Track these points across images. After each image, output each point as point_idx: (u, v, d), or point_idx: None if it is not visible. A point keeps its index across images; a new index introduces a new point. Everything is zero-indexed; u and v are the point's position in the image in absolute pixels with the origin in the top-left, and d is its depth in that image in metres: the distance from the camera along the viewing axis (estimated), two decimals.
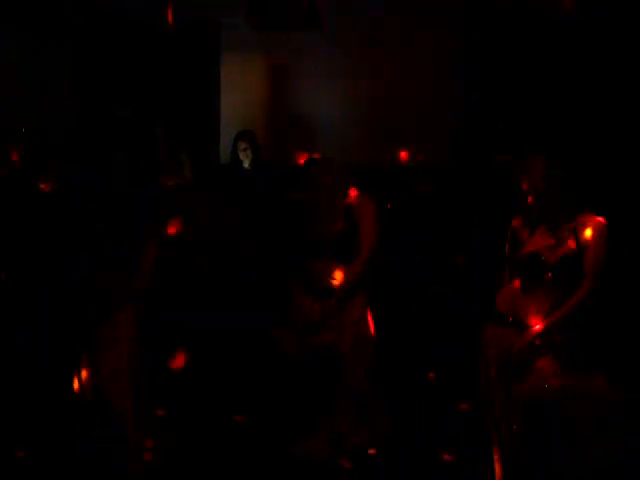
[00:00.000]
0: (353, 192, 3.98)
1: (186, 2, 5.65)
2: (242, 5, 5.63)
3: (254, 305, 4.72)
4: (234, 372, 4.46)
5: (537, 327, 3.01)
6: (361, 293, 3.93)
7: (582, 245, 3.01)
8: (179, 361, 4.00)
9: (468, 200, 5.26)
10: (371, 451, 3.87)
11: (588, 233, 3.01)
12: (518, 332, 3.04)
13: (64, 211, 3.67)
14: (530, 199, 3.11)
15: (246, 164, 5.48)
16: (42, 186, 3.86)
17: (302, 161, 4.19)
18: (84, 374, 3.49)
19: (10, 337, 3.64)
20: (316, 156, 4.11)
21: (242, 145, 5.46)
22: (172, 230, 3.84)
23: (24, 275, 3.70)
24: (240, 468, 3.82)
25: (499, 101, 5.48)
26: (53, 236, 3.60)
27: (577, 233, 3.02)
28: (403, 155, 5.58)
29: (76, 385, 3.49)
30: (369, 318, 3.96)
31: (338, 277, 3.87)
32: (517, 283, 3.14)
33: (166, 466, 3.69)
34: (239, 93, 6.20)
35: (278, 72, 6.15)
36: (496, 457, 3.12)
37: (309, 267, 3.93)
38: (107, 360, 3.47)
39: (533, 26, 5.26)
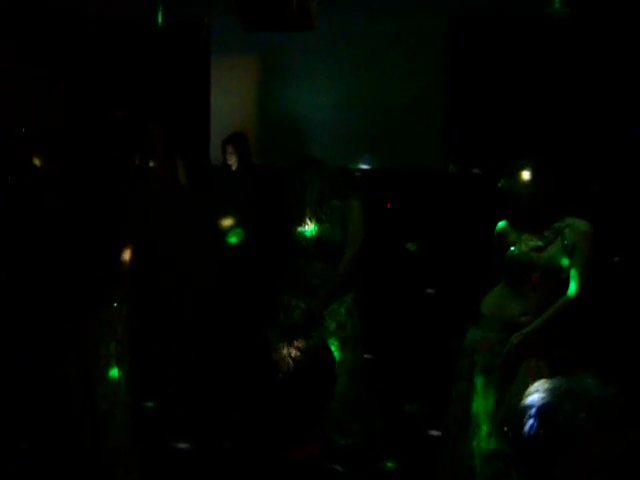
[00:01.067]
0: (343, 193, 3.96)
1: (176, 3, 5.63)
2: (232, 6, 5.59)
3: (242, 306, 4.71)
4: (224, 374, 4.44)
5: (525, 329, 3.00)
6: (348, 294, 3.92)
7: (569, 247, 3.00)
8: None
9: (459, 203, 5.26)
10: (364, 453, 3.84)
11: (575, 235, 3.01)
12: (505, 335, 3.03)
13: (53, 211, 3.65)
14: (518, 201, 3.11)
15: (233, 167, 5.48)
16: (35, 187, 3.84)
17: (293, 162, 4.16)
18: (74, 373, 3.47)
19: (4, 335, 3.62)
20: (307, 157, 4.09)
21: (229, 149, 5.47)
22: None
23: (15, 275, 3.68)
24: (234, 471, 3.78)
25: (491, 104, 5.48)
26: (42, 236, 3.58)
27: (564, 235, 3.02)
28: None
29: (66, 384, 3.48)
30: (357, 319, 3.93)
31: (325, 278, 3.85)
32: (504, 285, 3.14)
33: (160, 465, 3.66)
34: (229, 94, 6.17)
35: (268, 73, 6.12)
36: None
37: (296, 267, 3.91)
38: (97, 359, 3.46)
39: (527, 27, 5.24)
